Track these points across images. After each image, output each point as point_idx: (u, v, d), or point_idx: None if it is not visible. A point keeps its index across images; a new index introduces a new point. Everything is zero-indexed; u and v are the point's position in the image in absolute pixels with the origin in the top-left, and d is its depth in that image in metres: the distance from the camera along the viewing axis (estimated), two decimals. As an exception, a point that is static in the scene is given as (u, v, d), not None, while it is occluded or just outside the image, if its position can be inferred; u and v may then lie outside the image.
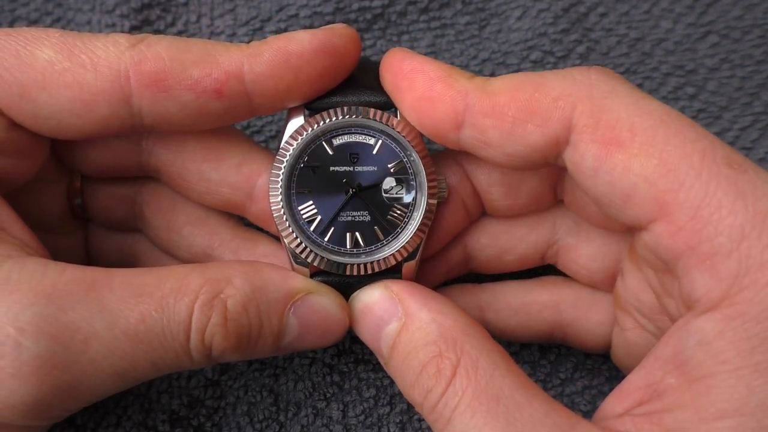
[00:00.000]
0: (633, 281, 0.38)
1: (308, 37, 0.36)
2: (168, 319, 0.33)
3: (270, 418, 0.44)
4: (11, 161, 0.37)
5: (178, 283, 0.34)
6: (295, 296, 0.36)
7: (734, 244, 0.30)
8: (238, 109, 0.37)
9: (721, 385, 0.29)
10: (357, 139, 0.38)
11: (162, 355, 0.34)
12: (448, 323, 0.34)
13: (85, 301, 0.32)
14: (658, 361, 0.32)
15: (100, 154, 0.40)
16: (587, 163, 0.33)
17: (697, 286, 0.31)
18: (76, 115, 0.35)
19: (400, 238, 0.38)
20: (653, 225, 0.32)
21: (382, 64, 0.38)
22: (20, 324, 0.31)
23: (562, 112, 0.33)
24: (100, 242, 0.45)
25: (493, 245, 0.42)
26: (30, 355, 0.31)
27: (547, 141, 0.34)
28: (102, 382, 0.33)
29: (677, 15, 0.53)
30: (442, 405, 0.33)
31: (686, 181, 0.31)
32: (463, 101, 0.35)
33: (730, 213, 0.30)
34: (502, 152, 0.35)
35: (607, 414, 0.34)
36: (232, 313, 0.34)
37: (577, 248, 0.41)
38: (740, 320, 0.30)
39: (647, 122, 0.32)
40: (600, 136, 0.33)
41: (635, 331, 0.40)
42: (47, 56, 0.35)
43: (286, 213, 0.37)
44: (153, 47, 0.35)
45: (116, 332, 0.33)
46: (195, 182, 0.40)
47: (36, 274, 0.33)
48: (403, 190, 0.38)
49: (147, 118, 0.36)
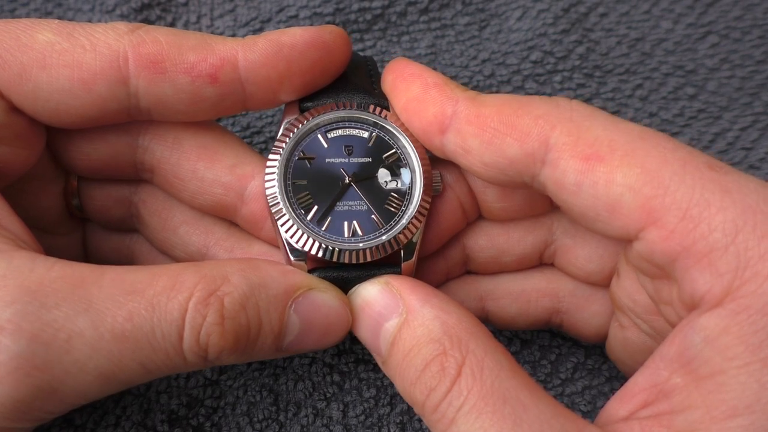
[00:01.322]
0: (628, 282, 0.38)
1: (300, 31, 0.38)
2: (159, 317, 0.32)
3: (270, 418, 0.43)
4: (8, 150, 0.37)
5: (171, 280, 0.33)
6: (296, 292, 0.35)
7: (729, 239, 0.30)
8: (232, 97, 0.37)
9: (731, 381, 0.29)
10: (351, 132, 0.39)
11: (151, 356, 0.32)
12: (452, 321, 0.34)
13: (71, 299, 0.31)
14: (664, 361, 0.32)
15: (97, 150, 0.40)
16: (569, 179, 0.33)
17: (697, 285, 0.31)
18: (74, 95, 0.35)
19: (398, 226, 0.38)
20: (644, 233, 0.32)
21: (386, 67, 0.40)
22: (1, 322, 0.30)
23: (540, 130, 0.34)
24: (98, 242, 0.45)
25: (490, 247, 0.42)
26: (9, 354, 0.30)
27: (523, 155, 0.34)
28: (87, 384, 0.32)
29: (677, 15, 0.53)
30: (446, 405, 0.32)
31: (671, 185, 0.31)
32: (452, 107, 0.36)
33: (720, 210, 0.30)
34: (480, 160, 0.36)
35: (611, 417, 0.33)
36: (230, 312, 0.33)
37: (573, 250, 0.41)
38: (745, 314, 0.29)
39: (625, 138, 0.33)
40: (580, 152, 0.33)
41: (631, 329, 0.40)
42: (47, 38, 0.35)
43: (283, 202, 0.37)
44: (151, 33, 0.36)
45: (101, 331, 0.31)
46: (188, 180, 0.40)
47: (23, 269, 0.32)
48: (398, 180, 0.39)
49: (143, 100, 0.36)
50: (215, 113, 0.38)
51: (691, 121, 0.51)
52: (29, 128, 0.37)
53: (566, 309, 0.43)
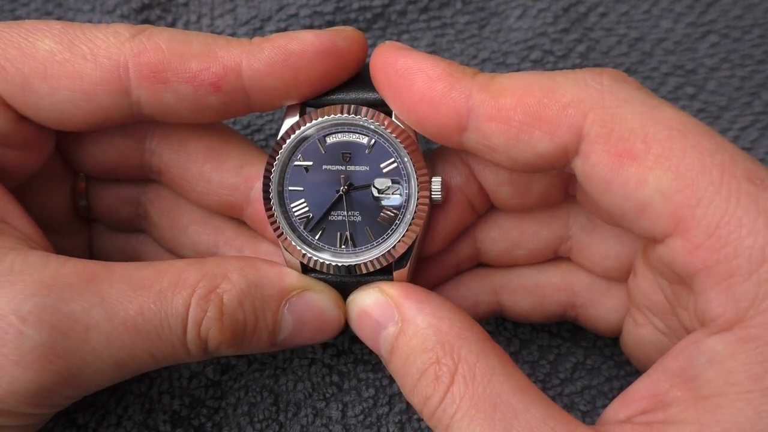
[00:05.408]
0: (644, 281, 0.38)
1: (311, 37, 0.35)
2: (166, 311, 0.34)
3: (270, 418, 0.44)
4: (18, 154, 0.37)
5: (176, 277, 0.35)
6: (290, 293, 0.37)
7: (754, 267, 0.29)
8: (236, 104, 0.37)
9: (729, 406, 0.29)
10: (350, 138, 0.37)
11: (160, 346, 0.34)
12: (444, 328, 0.34)
13: (86, 293, 0.33)
14: (666, 374, 0.32)
15: (104, 153, 0.40)
16: (599, 174, 0.32)
17: (712, 306, 0.30)
18: (76, 105, 0.36)
19: (389, 241, 0.37)
20: (669, 240, 0.31)
21: (373, 62, 0.36)
22: (22, 314, 0.32)
23: (572, 120, 0.32)
24: (104, 243, 0.45)
25: (503, 240, 0.41)
26: (32, 343, 0.32)
27: (555, 149, 0.32)
28: (102, 372, 0.34)
29: (677, 15, 0.53)
30: (441, 412, 0.33)
31: (705, 197, 0.30)
32: (466, 103, 0.33)
33: (751, 233, 0.29)
34: (507, 157, 0.34)
35: (609, 419, 0.34)
36: (228, 308, 0.35)
37: (590, 246, 0.41)
38: (754, 344, 0.29)
39: (662, 133, 0.31)
40: (612, 147, 0.31)
41: (646, 327, 0.39)
42: (48, 47, 0.35)
43: (278, 211, 0.37)
44: (153, 39, 0.36)
45: (116, 323, 0.33)
46: (195, 182, 0.40)
47: (38, 266, 0.33)
48: (395, 192, 0.37)
49: (146, 109, 0.36)
50: (219, 118, 0.38)
51: (691, 121, 0.51)
52: (37, 133, 0.38)
53: (582, 304, 0.42)
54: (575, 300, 0.42)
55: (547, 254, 0.42)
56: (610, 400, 0.44)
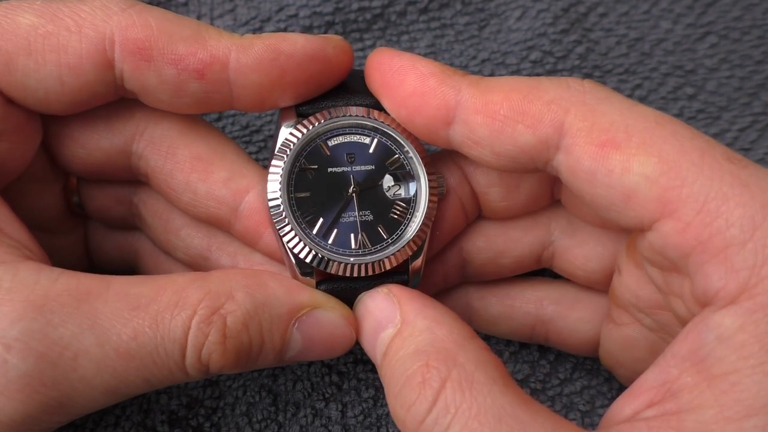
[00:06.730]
0: (630, 278, 0.38)
1: (302, 40, 0.36)
2: (162, 336, 0.32)
3: (269, 419, 0.44)
4: (7, 145, 0.36)
5: (176, 296, 0.33)
6: (300, 312, 0.35)
7: (747, 235, 0.29)
8: (217, 96, 0.36)
9: (746, 381, 0.28)
10: (352, 139, 0.38)
11: (155, 372, 0.33)
12: (442, 333, 0.33)
13: (77, 315, 0.31)
14: (675, 359, 0.31)
15: (91, 155, 0.39)
16: (583, 166, 0.32)
17: (712, 280, 0.30)
18: (62, 81, 0.35)
19: (405, 235, 0.37)
20: (659, 224, 0.31)
21: (369, 63, 0.37)
22: (7, 340, 0.30)
23: (554, 115, 0.33)
24: (100, 240, 0.44)
25: (488, 248, 0.42)
26: (17, 373, 0.30)
27: (536, 142, 0.33)
28: (93, 399, 0.32)
29: (677, 15, 0.53)
30: (432, 422, 0.30)
31: (688, 176, 0.30)
32: (456, 96, 0.34)
33: (738, 204, 0.29)
34: (491, 151, 0.34)
35: (615, 418, 0.32)
36: (232, 331, 0.33)
37: (572, 249, 0.41)
38: (762, 312, 0.28)
39: (642, 124, 0.32)
40: (595, 138, 0.32)
41: (632, 326, 0.39)
42: (29, 21, 0.34)
43: (288, 217, 0.36)
44: (144, 14, 0.35)
45: (107, 349, 0.31)
46: (182, 192, 0.39)
47: (28, 281, 0.32)
48: (402, 187, 0.38)
49: (128, 84, 0.36)
50: (198, 109, 0.37)
51: (690, 122, 0.51)
52: (25, 120, 0.37)
53: (550, 316, 0.42)
54: (544, 312, 0.43)
55: (530, 262, 0.42)
56: (609, 400, 0.45)
